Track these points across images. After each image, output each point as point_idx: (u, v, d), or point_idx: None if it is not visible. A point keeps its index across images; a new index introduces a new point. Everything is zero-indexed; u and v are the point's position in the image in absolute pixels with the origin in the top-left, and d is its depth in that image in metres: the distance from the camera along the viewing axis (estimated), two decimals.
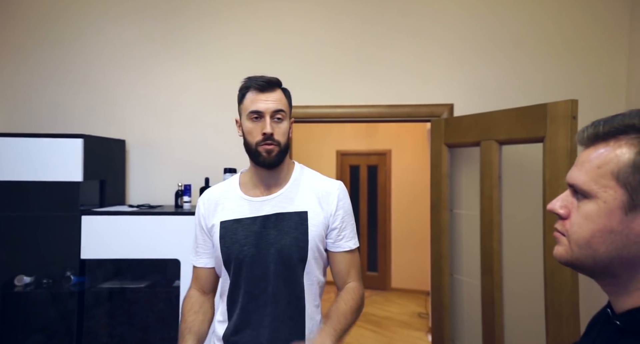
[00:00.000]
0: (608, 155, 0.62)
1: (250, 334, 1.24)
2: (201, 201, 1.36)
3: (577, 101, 1.61)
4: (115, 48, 2.48)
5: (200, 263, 1.36)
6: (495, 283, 1.91)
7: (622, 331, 0.64)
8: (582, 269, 0.67)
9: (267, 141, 1.25)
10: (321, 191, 1.32)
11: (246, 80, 1.31)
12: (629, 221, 0.60)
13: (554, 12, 2.26)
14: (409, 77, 2.34)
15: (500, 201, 1.90)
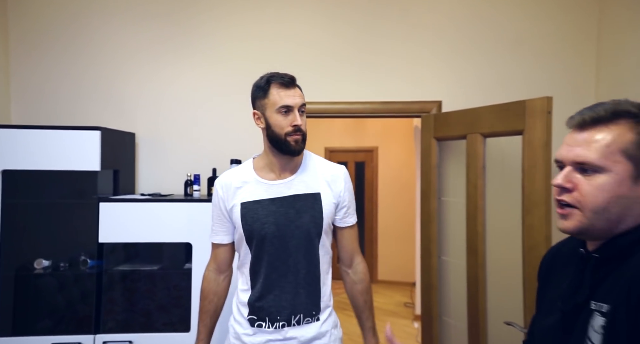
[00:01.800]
0: (612, 135, 0.77)
1: (273, 300, 1.43)
2: (219, 185, 1.51)
3: (551, 98, 1.84)
4: (128, 48, 2.62)
5: (219, 239, 1.53)
6: (479, 262, 2.13)
7: (598, 261, 0.80)
8: (593, 232, 0.80)
9: (297, 132, 1.42)
10: (330, 175, 1.51)
11: (268, 77, 1.46)
12: (636, 187, 0.77)
13: (531, 18, 2.49)
14: (401, 76, 2.54)
15: (484, 188, 2.12)
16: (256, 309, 1.44)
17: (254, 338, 1.44)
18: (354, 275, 1.55)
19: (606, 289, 0.76)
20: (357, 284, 1.55)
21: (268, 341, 1.43)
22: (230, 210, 1.48)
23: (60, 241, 2.35)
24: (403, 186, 6.17)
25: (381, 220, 6.35)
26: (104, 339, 2.16)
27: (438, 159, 2.39)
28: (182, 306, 2.29)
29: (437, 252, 2.40)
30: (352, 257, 1.56)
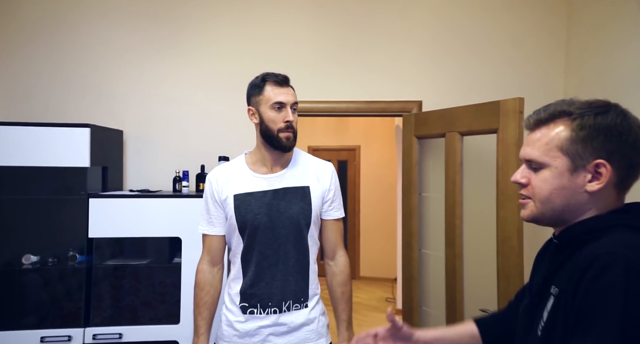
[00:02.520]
0: (549, 134, 0.85)
1: (264, 287, 1.51)
2: (213, 178, 1.58)
3: (523, 99, 1.96)
4: (116, 47, 2.67)
5: (214, 231, 1.58)
6: (457, 254, 2.25)
7: (558, 247, 0.89)
8: (544, 220, 0.89)
9: (288, 128, 1.50)
10: (318, 170, 1.61)
11: (264, 75, 1.55)
12: (574, 179, 0.84)
13: (504, 24, 2.63)
14: (384, 76, 2.65)
15: (462, 184, 2.24)
16: (248, 296, 1.51)
17: (246, 324, 1.51)
18: (335, 267, 1.63)
19: (562, 274, 0.83)
20: (337, 275, 1.62)
21: (259, 327, 1.50)
22: (223, 201, 1.55)
23: (49, 237, 2.39)
24: (385, 184, 6.30)
25: (363, 217, 6.47)
26: (94, 332, 2.21)
27: (419, 156, 2.50)
28: (171, 299, 2.34)
29: (417, 245, 2.52)
30: (334, 250, 1.64)
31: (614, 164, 0.81)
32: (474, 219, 2.26)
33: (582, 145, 0.82)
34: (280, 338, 1.50)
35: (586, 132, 0.82)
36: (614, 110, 0.83)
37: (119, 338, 2.21)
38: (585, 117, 0.82)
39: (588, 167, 0.82)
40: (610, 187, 0.83)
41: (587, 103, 0.85)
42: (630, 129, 0.81)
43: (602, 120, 0.81)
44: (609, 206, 0.85)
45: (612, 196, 0.84)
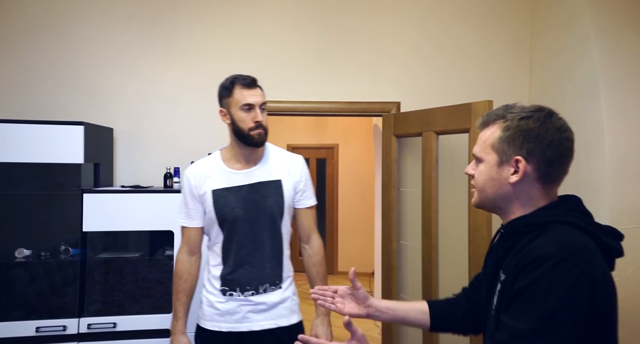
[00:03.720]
0: (487, 134, 1.00)
1: (243, 273, 1.65)
2: (190, 174, 1.70)
3: (492, 101, 2.16)
4: (107, 47, 2.74)
5: (193, 224, 1.70)
6: (433, 244, 2.44)
7: (503, 236, 1.02)
8: (485, 207, 1.05)
9: (258, 127, 1.63)
10: (289, 164, 1.74)
11: (232, 78, 1.66)
12: (501, 172, 0.98)
13: (475, 32, 2.83)
14: (364, 79, 2.81)
15: (437, 179, 2.42)
16: (228, 281, 1.65)
17: (226, 304, 1.65)
18: (310, 250, 1.78)
19: (507, 261, 0.97)
20: (312, 257, 1.78)
21: (239, 305, 1.65)
22: (202, 196, 1.67)
23: (43, 231, 2.44)
24: (362, 182, 6.48)
25: (341, 214, 6.63)
26: (89, 322, 2.28)
27: (397, 154, 2.68)
28: (164, 289, 2.44)
29: (396, 237, 2.69)
30: (309, 234, 1.78)
31: (532, 160, 0.95)
32: (448, 211, 2.45)
33: (506, 143, 0.96)
34: (258, 314, 1.65)
35: (510, 133, 0.96)
36: (537, 115, 0.96)
37: (113, 327, 2.29)
38: (511, 121, 0.96)
39: (510, 162, 0.97)
40: (532, 180, 0.96)
41: (521, 108, 0.99)
42: (547, 131, 0.94)
43: (523, 123, 0.95)
44: (535, 197, 0.98)
45: (537, 189, 0.97)
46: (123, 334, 2.30)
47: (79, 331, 2.28)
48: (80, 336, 2.28)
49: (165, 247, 2.50)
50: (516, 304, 0.87)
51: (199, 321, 1.71)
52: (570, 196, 1.01)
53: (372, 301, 1.21)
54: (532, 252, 0.89)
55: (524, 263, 0.88)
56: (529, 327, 0.83)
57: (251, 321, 1.64)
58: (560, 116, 0.98)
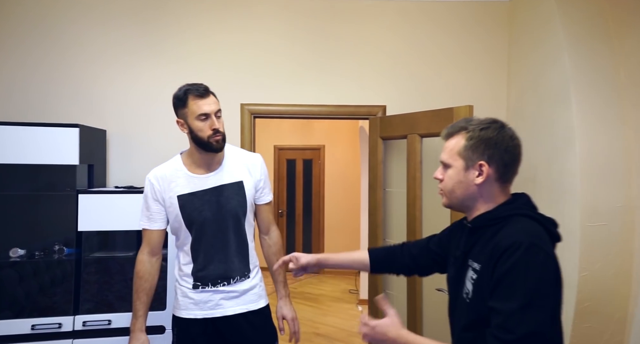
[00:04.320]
0: (452, 143, 1.17)
1: (213, 270, 1.77)
2: (154, 178, 1.77)
3: (472, 106, 2.29)
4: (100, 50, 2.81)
5: (154, 226, 1.78)
6: None
7: (471, 230, 1.19)
8: (454, 207, 1.21)
9: (216, 134, 1.69)
10: (249, 164, 1.84)
11: (185, 89, 1.70)
12: (466, 174, 1.15)
13: (458, 41, 2.96)
14: (352, 83, 2.92)
15: (422, 180, 2.54)
16: (199, 277, 1.77)
17: (200, 294, 1.77)
18: (269, 240, 1.95)
19: (477, 251, 1.13)
20: (271, 247, 1.95)
21: (212, 294, 1.77)
22: (166, 200, 1.75)
23: (38, 231, 2.49)
24: (348, 182, 6.60)
25: (327, 214, 6.74)
26: (84, 319, 2.34)
27: (383, 155, 2.79)
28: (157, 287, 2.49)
29: (382, 235, 2.81)
30: (268, 227, 1.94)
31: (493, 164, 1.13)
32: (431, 210, 2.58)
33: (470, 151, 1.13)
34: (230, 301, 1.78)
35: (473, 142, 1.13)
36: (494, 126, 1.14)
37: (108, 324, 2.36)
38: (473, 131, 1.14)
39: (475, 166, 1.14)
40: (492, 181, 1.14)
41: (479, 121, 1.16)
42: (503, 139, 1.13)
43: (484, 133, 1.13)
44: (495, 195, 1.16)
45: (497, 188, 1.15)
46: (118, 331, 2.36)
47: (74, 329, 2.34)
48: (75, 333, 2.33)
49: None
50: (501, 289, 1.02)
51: (175, 311, 1.83)
52: (521, 193, 1.19)
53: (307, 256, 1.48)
54: (504, 241, 1.05)
55: (500, 251, 1.04)
56: (517, 305, 0.99)
57: (224, 307, 1.77)
58: (510, 127, 1.17)
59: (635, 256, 2.24)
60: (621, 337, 2.29)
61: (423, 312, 2.56)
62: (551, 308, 1.02)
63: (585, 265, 2.27)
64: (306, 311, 5.00)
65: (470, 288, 1.12)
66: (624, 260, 2.27)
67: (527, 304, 0.98)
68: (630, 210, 2.26)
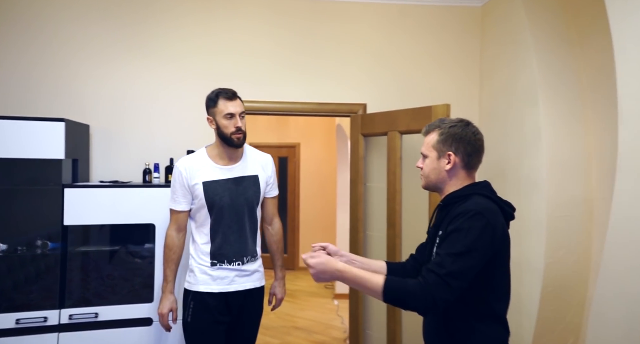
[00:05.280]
0: (429, 138, 1.47)
1: (228, 249, 2.05)
2: (182, 167, 2.04)
3: (449, 105, 2.44)
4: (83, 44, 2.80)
5: (181, 207, 2.07)
6: (397, 233, 2.69)
7: (441, 207, 1.46)
8: (429, 188, 1.51)
9: (238, 131, 2.01)
10: (263, 162, 2.17)
11: (217, 92, 2.02)
12: (439, 162, 1.44)
13: (434, 41, 3.11)
14: (334, 82, 3.02)
15: (401, 175, 2.68)
16: (217, 255, 2.04)
17: (217, 271, 2.04)
18: (272, 230, 2.28)
19: (445, 223, 1.40)
20: (273, 236, 2.28)
21: (229, 271, 2.05)
22: (193, 186, 2.03)
23: (22, 225, 2.47)
24: (323, 179, 6.71)
25: (302, 211, 6.82)
26: (70, 313, 2.35)
27: (364, 151, 2.91)
28: (144, 280, 2.53)
29: (363, 228, 2.93)
30: (272, 217, 2.26)
31: (458, 153, 1.42)
32: (410, 204, 2.71)
33: (441, 144, 1.43)
34: (242, 278, 2.07)
35: (443, 137, 1.43)
36: (460, 124, 1.44)
37: (95, 317, 2.37)
38: (443, 129, 1.44)
39: (445, 156, 1.43)
40: (459, 168, 1.43)
41: (450, 121, 1.47)
42: (467, 134, 1.42)
43: (452, 130, 1.43)
44: (461, 179, 1.44)
45: (463, 173, 1.44)
46: (105, 324, 2.38)
47: (60, 322, 2.34)
48: (61, 326, 2.34)
49: (145, 239, 2.59)
50: (447, 241, 1.33)
51: (191, 286, 2.06)
52: (484, 180, 1.49)
53: (343, 253, 1.60)
54: (459, 209, 1.36)
55: (453, 216, 1.35)
56: (455, 251, 1.29)
57: (237, 283, 2.06)
58: (474, 125, 1.47)
59: (594, 244, 2.45)
60: (580, 319, 2.50)
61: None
62: (479, 261, 1.30)
63: (550, 253, 2.46)
64: (284, 306, 5.04)
65: (435, 253, 1.40)
66: (584, 248, 2.48)
67: (461, 253, 1.28)
68: (589, 202, 2.47)
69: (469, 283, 1.30)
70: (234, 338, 2.12)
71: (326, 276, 1.38)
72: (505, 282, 1.42)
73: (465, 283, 1.29)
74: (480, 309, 1.38)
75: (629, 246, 1.86)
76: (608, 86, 2.30)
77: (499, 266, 1.38)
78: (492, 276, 1.37)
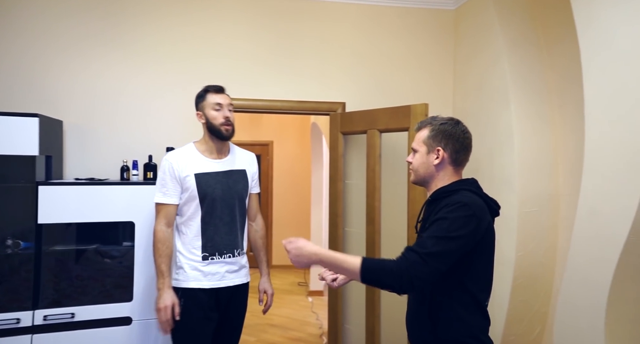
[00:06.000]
0: (420, 134, 1.53)
1: (220, 241, 2.08)
2: (173, 159, 2.04)
3: (427, 104, 2.52)
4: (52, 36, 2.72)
5: (172, 200, 2.05)
6: (376, 229, 2.75)
7: (430, 202, 1.53)
8: (418, 183, 1.56)
9: (227, 122, 2.06)
10: (248, 158, 2.25)
11: (206, 88, 2.10)
12: (428, 157, 1.51)
13: (410, 42, 3.19)
14: (314, 80, 3.05)
15: (380, 172, 2.74)
16: (208, 248, 2.05)
17: (208, 267, 2.05)
18: (256, 226, 2.32)
19: (432, 215, 1.45)
20: (258, 231, 2.33)
21: (219, 266, 2.06)
22: (184, 178, 2.03)
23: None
24: (297, 177, 6.74)
25: (275, 209, 6.83)
26: (45, 313, 2.28)
27: (344, 149, 2.96)
28: (124, 279, 2.48)
29: (342, 224, 2.98)
30: (255, 214, 2.32)
31: (447, 149, 1.49)
32: (389, 200, 2.78)
33: (432, 140, 1.50)
34: (232, 274, 2.10)
35: (434, 133, 1.50)
36: (450, 122, 1.51)
37: (72, 317, 2.31)
38: (435, 125, 1.51)
39: (434, 151, 1.50)
40: (446, 163, 1.50)
41: (441, 118, 1.53)
42: (456, 132, 1.49)
43: (442, 127, 1.50)
44: (449, 174, 1.51)
45: (450, 169, 1.51)
46: (82, 324, 2.33)
47: (34, 323, 2.27)
48: (35, 328, 2.27)
49: (124, 238, 2.54)
50: (432, 227, 1.38)
51: (182, 283, 2.03)
52: (471, 177, 1.57)
53: None
54: (446, 201, 1.43)
55: (441, 207, 1.42)
56: (438, 235, 1.34)
57: (227, 279, 2.09)
58: (463, 124, 1.54)
59: (560, 237, 2.59)
60: (547, 308, 2.64)
61: (381, 296, 2.76)
62: (461, 247, 1.36)
63: (521, 246, 2.58)
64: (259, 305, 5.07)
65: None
66: (551, 241, 2.61)
67: (444, 237, 1.34)
68: (556, 197, 2.61)
69: (447, 267, 1.34)
70: (221, 334, 2.13)
71: (304, 259, 1.41)
72: (489, 273, 1.49)
73: (443, 265, 1.33)
74: (464, 298, 1.44)
75: (595, 238, 1.98)
76: (572, 89, 2.44)
77: (484, 257, 1.46)
78: (477, 267, 1.44)
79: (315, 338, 4.17)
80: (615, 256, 1.86)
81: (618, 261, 1.85)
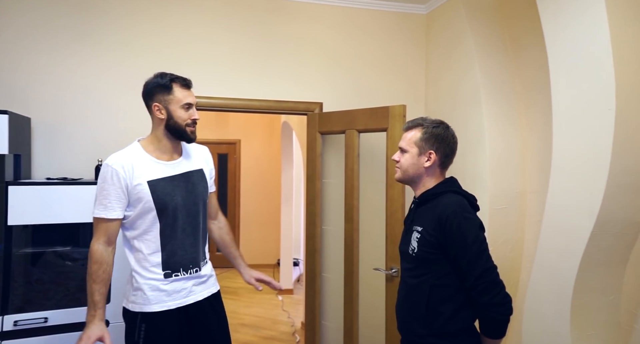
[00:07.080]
0: (410, 134, 1.61)
1: (183, 255, 1.80)
2: (118, 165, 1.70)
3: (405, 105, 2.59)
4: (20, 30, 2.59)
5: (115, 214, 1.71)
6: (354, 227, 2.81)
7: (417, 204, 1.63)
8: (404, 181, 1.65)
9: (194, 124, 1.82)
10: (203, 154, 1.97)
11: (171, 77, 1.77)
12: (419, 159, 1.59)
13: (384, 44, 3.26)
14: (291, 80, 3.07)
15: (359, 171, 2.80)
16: (170, 265, 1.76)
17: (172, 284, 1.77)
18: (219, 223, 2.12)
19: (420, 218, 1.58)
20: (222, 228, 2.12)
21: (185, 281, 1.80)
22: (134, 187, 1.70)
23: None
24: (265, 177, 6.71)
25: (243, 208, 6.77)
26: (15, 319, 2.18)
27: (322, 149, 2.99)
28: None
29: (320, 223, 3.01)
30: (216, 212, 2.11)
31: (438, 153, 1.58)
32: (367, 199, 2.85)
33: (424, 142, 1.58)
34: (200, 286, 1.85)
35: (426, 136, 1.58)
36: (442, 126, 1.60)
37: (45, 322, 2.22)
38: (427, 128, 1.58)
39: (426, 154, 1.58)
40: (435, 166, 1.60)
41: (432, 121, 1.62)
42: (447, 136, 1.59)
43: (435, 130, 1.58)
44: (436, 176, 1.61)
45: (438, 171, 1.61)
46: (55, 329, 2.24)
47: (3, 329, 2.16)
48: (4, 334, 2.16)
49: None
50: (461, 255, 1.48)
51: (141, 307, 1.74)
52: (452, 177, 1.66)
53: None
54: (444, 211, 1.50)
55: (442, 218, 1.49)
56: (474, 251, 1.46)
57: (195, 293, 1.83)
58: (451, 128, 1.63)
59: (526, 233, 2.75)
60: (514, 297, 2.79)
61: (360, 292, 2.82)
62: (487, 248, 1.50)
63: (492, 242, 2.69)
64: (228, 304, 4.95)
65: (415, 245, 1.57)
66: (519, 236, 2.76)
67: (479, 251, 1.46)
68: (524, 195, 2.76)
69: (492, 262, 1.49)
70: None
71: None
72: None
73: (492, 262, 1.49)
74: (459, 295, 1.53)
75: (562, 232, 2.12)
76: (537, 94, 2.60)
77: None
78: None
79: (288, 336, 4.19)
80: (581, 247, 2.00)
81: (583, 252, 1.99)
